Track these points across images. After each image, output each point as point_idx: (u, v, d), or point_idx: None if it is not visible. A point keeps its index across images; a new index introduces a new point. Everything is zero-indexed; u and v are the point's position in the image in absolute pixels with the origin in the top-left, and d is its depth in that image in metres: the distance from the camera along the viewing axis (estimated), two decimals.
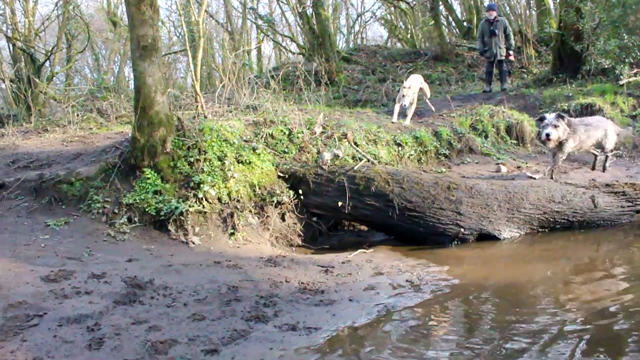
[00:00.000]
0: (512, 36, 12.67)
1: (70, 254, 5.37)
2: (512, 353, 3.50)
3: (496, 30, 12.36)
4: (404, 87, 9.73)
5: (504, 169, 8.31)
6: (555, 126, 7.03)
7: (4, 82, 15.07)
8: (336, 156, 7.14)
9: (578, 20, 12.35)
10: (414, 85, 10.08)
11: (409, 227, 6.59)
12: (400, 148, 8.41)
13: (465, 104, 11.26)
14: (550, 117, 7.15)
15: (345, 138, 7.61)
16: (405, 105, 9.58)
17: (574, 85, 12.26)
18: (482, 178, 7.20)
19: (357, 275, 5.22)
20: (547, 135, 7.03)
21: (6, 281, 4.54)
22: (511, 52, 12.80)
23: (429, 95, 11.17)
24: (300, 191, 6.75)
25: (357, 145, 7.67)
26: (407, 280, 5.06)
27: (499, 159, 9.06)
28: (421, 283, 4.99)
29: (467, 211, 6.46)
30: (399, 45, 23.33)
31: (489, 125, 9.87)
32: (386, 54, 18.19)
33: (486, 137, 9.72)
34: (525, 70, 15.81)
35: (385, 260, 5.81)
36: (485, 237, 6.47)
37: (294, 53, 22.14)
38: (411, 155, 8.46)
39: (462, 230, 6.41)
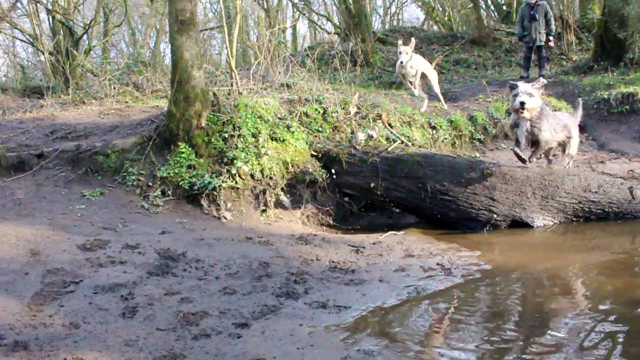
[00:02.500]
0: (552, 21, 12.36)
1: (105, 224, 5.47)
2: (543, 342, 3.45)
3: (537, 15, 12.07)
4: (402, 47, 8.81)
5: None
6: (531, 95, 6.16)
7: (43, 54, 15.27)
8: (370, 137, 7.10)
9: (623, 7, 12.00)
10: (417, 62, 9.08)
11: (440, 211, 6.54)
12: (434, 131, 8.33)
13: (501, 90, 11.05)
14: (524, 84, 6.28)
15: (379, 119, 7.57)
16: (402, 63, 8.72)
17: (615, 74, 11.95)
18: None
19: (388, 257, 5.21)
20: (522, 103, 6.12)
21: (44, 248, 4.65)
22: (551, 38, 12.49)
23: (435, 85, 9.50)
24: (332, 170, 6.75)
25: (391, 127, 7.62)
26: (437, 264, 5.04)
27: None
28: (452, 267, 4.96)
29: (500, 197, 6.38)
30: (435, 27, 23.01)
31: None
32: (422, 37, 17.91)
33: None
34: (564, 57, 15.46)
35: (416, 243, 5.79)
36: (518, 224, 6.38)
37: (329, 33, 21.96)
38: (445, 139, 8.39)
39: (495, 216, 6.34)
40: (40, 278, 4.16)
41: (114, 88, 10.04)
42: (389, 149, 6.73)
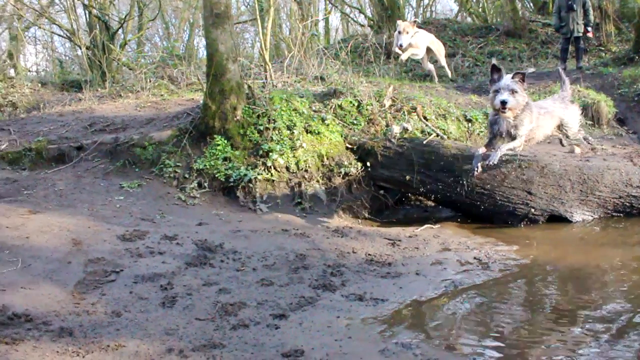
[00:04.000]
0: (591, 11, 12.07)
1: (144, 215, 5.55)
2: (580, 339, 3.41)
3: (574, 5, 11.80)
4: (401, 24, 8.33)
5: (577, 150, 8.02)
6: (514, 91, 5.36)
7: (80, 48, 15.52)
8: (405, 130, 7.06)
9: None
10: (421, 38, 8.52)
11: (477, 205, 6.47)
12: (470, 124, 8.24)
13: (538, 82, 10.89)
14: (507, 78, 5.43)
15: (414, 112, 7.52)
16: (402, 44, 8.24)
17: None
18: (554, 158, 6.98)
19: (424, 250, 5.18)
20: (503, 102, 5.34)
21: (86, 238, 4.74)
22: (589, 29, 12.19)
23: (442, 57, 9.16)
24: (368, 163, 6.72)
25: (426, 120, 7.56)
26: (474, 258, 5.00)
27: None
28: (489, 261, 4.91)
29: (538, 191, 6.28)
30: (469, 19, 22.71)
31: None
32: (456, 28, 17.70)
33: None
34: (603, 48, 15.11)
35: (452, 236, 5.74)
36: (556, 219, 6.28)
37: (362, 25, 21.87)
38: (481, 131, 8.28)
39: (532, 210, 6.26)
40: (82, 267, 4.25)
41: (150, 81, 10.17)
42: (424, 142, 6.68)
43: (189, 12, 20.84)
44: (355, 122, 7.28)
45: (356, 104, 7.47)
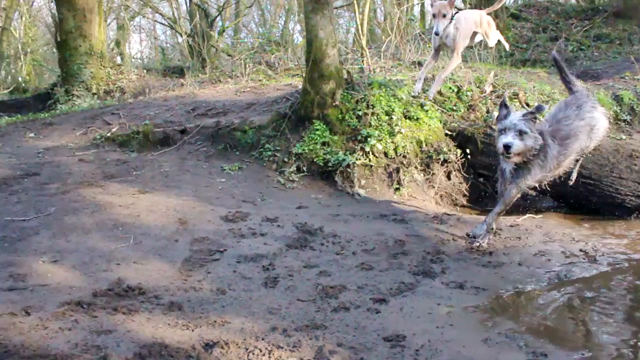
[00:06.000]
0: None
1: (245, 197, 5.69)
2: None
3: None
4: (437, 4, 5.82)
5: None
6: (521, 133, 4.48)
7: (181, 36, 16.09)
8: None
9: None
10: (465, 22, 6.20)
11: (582, 195, 6.19)
12: None
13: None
14: (515, 116, 4.54)
15: (516, 98, 7.27)
16: (437, 31, 5.82)
17: None
18: None
19: (527, 240, 5.02)
20: (507, 147, 4.49)
21: (191, 218, 4.92)
22: None
23: (493, 36, 6.72)
24: (467, 150, 6.57)
25: (528, 106, 7.29)
26: (580, 250, 4.78)
27: None
28: (596, 254, 4.69)
29: None
30: (573, 0, 21.67)
31: None
32: (559, 11, 16.92)
33: None
34: None
35: (556, 227, 5.52)
36: None
37: (458, 9, 21.40)
38: None
39: None
40: (188, 245, 4.42)
41: (248, 67, 10.40)
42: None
43: None
44: (454, 108, 7.13)
45: (455, 90, 7.31)
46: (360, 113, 6.52)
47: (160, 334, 3.08)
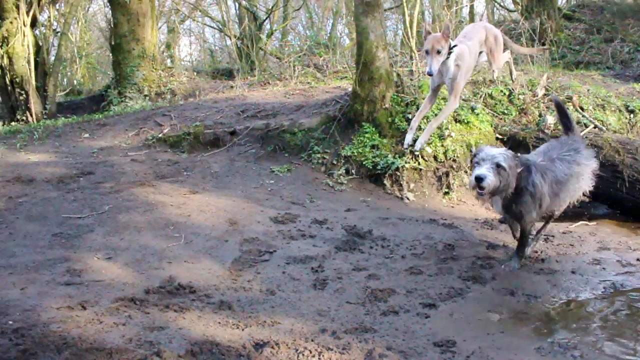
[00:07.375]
0: None
1: (294, 199, 5.72)
2: None
3: None
4: (430, 39, 5.03)
5: None
6: (498, 167, 3.89)
7: (230, 39, 16.30)
8: None
9: None
10: (469, 55, 5.38)
11: (638, 202, 6.01)
12: (632, 115, 7.62)
13: None
14: (494, 152, 4.00)
15: (570, 101, 7.10)
16: (431, 71, 5.02)
17: None
18: None
19: (580, 248, 4.89)
20: (479, 179, 3.85)
21: (241, 218, 4.97)
22: None
23: (499, 58, 6.00)
24: (519, 155, 6.45)
25: (583, 110, 7.11)
26: (638, 260, 4.63)
27: None
28: None
29: None
30: None
31: None
32: (615, 10, 16.46)
33: None
34: None
35: (610, 235, 5.37)
36: None
37: (509, 10, 21.02)
38: None
39: None
40: (238, 246, 4.47)
41: (296, 69, 10.46)
42: (581, 134, 6.29)
43: (332, 1, 21.12)
44: (506, 111, 7.01)
45: (507, 93, 7.19)
46: (410, 116, 6.48)
47: (211, 332, 3.12)
